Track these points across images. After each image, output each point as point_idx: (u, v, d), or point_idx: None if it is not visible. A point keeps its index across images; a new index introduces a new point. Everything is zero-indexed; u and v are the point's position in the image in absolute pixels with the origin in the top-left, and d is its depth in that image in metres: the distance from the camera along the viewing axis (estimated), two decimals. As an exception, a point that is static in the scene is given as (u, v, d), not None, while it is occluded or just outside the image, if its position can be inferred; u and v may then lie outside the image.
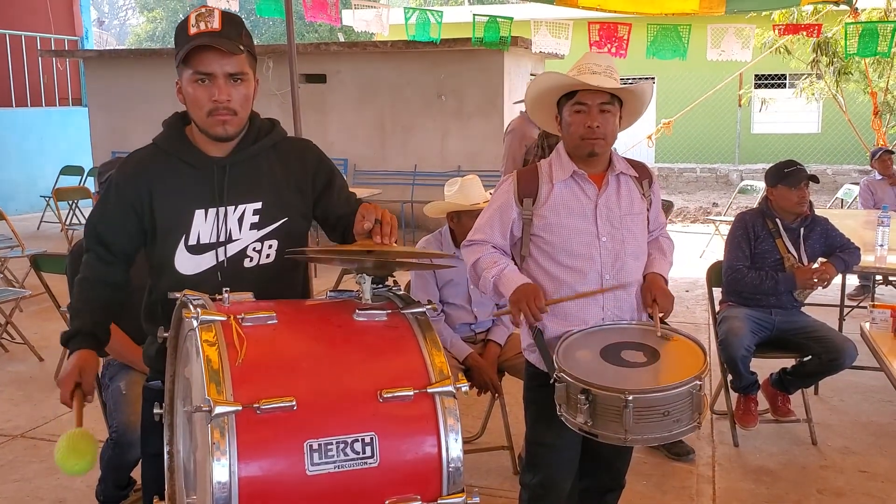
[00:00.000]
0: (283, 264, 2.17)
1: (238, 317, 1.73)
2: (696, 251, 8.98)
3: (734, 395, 4.09)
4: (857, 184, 8.69)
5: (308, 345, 1.77)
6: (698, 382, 2.20)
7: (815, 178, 3.98)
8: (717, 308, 4.24)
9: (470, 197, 3.54)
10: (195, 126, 2.12)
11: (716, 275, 4.32)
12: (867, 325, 2.96)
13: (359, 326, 1.82)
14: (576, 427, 2.25)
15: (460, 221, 3.54)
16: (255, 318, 1.74)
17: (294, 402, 1.61)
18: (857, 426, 4.26)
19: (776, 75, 16.56)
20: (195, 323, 1.70)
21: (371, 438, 1.64)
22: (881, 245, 4.83)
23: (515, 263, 2.61)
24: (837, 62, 10.41)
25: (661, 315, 2.50)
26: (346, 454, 1.62)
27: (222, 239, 2.12)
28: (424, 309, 1.88)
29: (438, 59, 9.77)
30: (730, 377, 4.05)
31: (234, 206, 2.13)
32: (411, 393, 1.69)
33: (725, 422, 4.17)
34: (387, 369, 1.74)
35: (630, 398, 2.13)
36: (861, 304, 6.13)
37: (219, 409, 1.55)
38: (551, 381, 2.30)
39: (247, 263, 2.16)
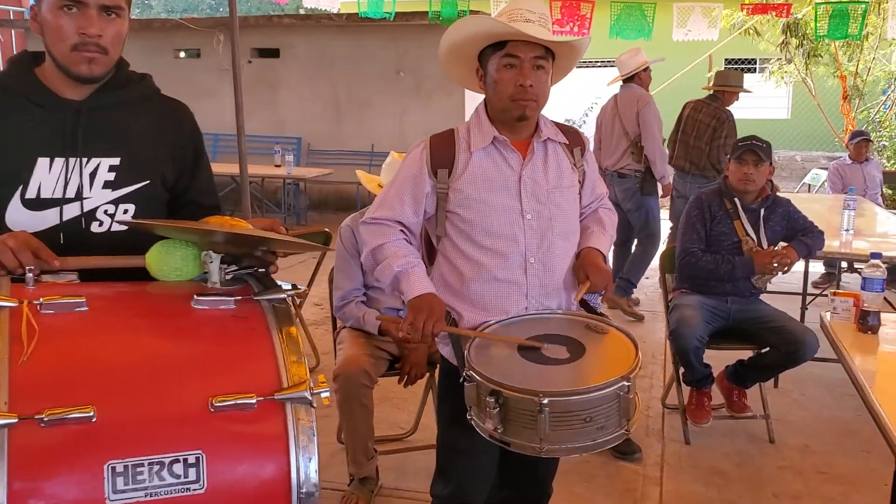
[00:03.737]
0: (139, 235, 1.80)
1: (34, 302, 1.37)
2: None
3: (686, 389, 3.80)
4: (825, 168, 8.47)
5: (123, 339, 1.40)
6: (626, 383, 1.87)
7: (757, 153, 3.64)
8: (671, 296, 3.94)
9: None
10: (52, 62, 1.78)
11: (669, 260, 4.01)
12: (827, 314, 2.66)
13: (197, 317, 1.46)
14: (485, 433, 1.92)
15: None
16: (58, 304, 1.38)
17: (93, 413, 1.25)
18: (818, 422, 3.98)
19: (746, 59, 16.33)
20: (-25, 309, 1.34)
21: (197, 458, 1.30)
22: (846, 230, 4.56)
23: (431, 246, 2.27)
24: (807, 44, 10.17)
25: (595, 293, 2.17)
26: (161, 478, 1.27)
27: (69, 195, 1.78)
28: (286, 294, 1.54)
29: (396, 34, 9.37)
30: (682, 370, 3.76)
31: (87, 159, 1.80)
32: (254, 401, 1.35)
33: (677, 417, 3.88)
34: (225, 371, 1.39)
35: (545, 401, 1.80)
36: (824, 293, 5.87)
37: (-14, 421, 1.19)
38: (461, 379, 1.96)
39: (95, 228, 1.81)
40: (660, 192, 5.90)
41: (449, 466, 2.27)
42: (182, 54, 10.43)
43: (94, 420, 1.25)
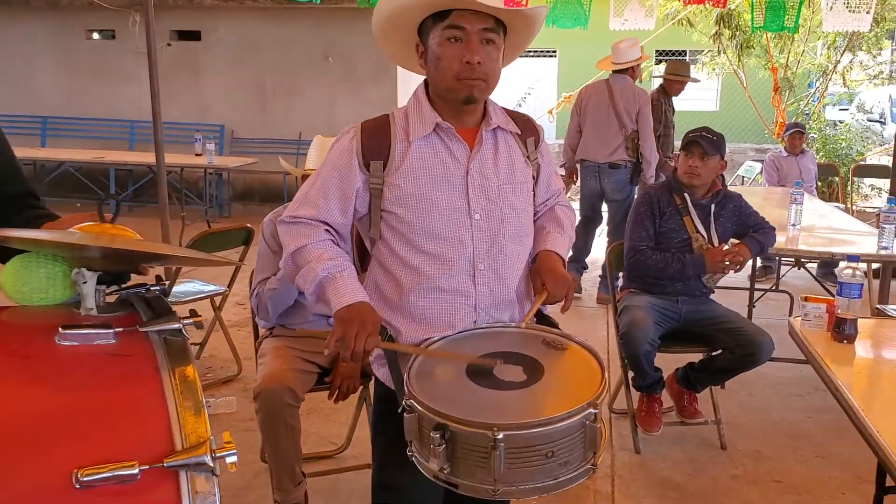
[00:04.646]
0: None
1: None
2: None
3: (636, 394, 3.60)
4: (759, 161, 8.45)
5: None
6: (593, 410, 1.61)
7: (702, 146, 3.45)
8: (618, 295, 3.72)
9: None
10: None
11: (617, 257, 3.80)
12: (797, 321, 2.46)
13: (62, 356, 1.13)
14: (430, 474, 1.63)
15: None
16: None
17: None
18: (768, 426, 3.83)
19: (677, 51, 16.41)
20: None
21: (56, 552, 0.98)
22: (793, 224, 4.43)
23: (364, 249, 1.97)
24: (740, 35, 10.15)
25: (554, 304, 1.91)
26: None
27: None
28: (181, 325, 1.21)
29: (324, 18, 8.96)
30: (631, 374, 3.54)
31: None
32: (136, 471, 1.02)
33: (625, 423, 3.67)
34: (97, 431, 1.07)
35: (500, 436, 1.53)
36: (773, 288, 5.78)
37: None
38: (399, 409, 1.67)
39: None
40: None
41: (386, 507, 1.98)
42: (95, 35, 9.79)
43: None
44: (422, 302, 1.86)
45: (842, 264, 2.38)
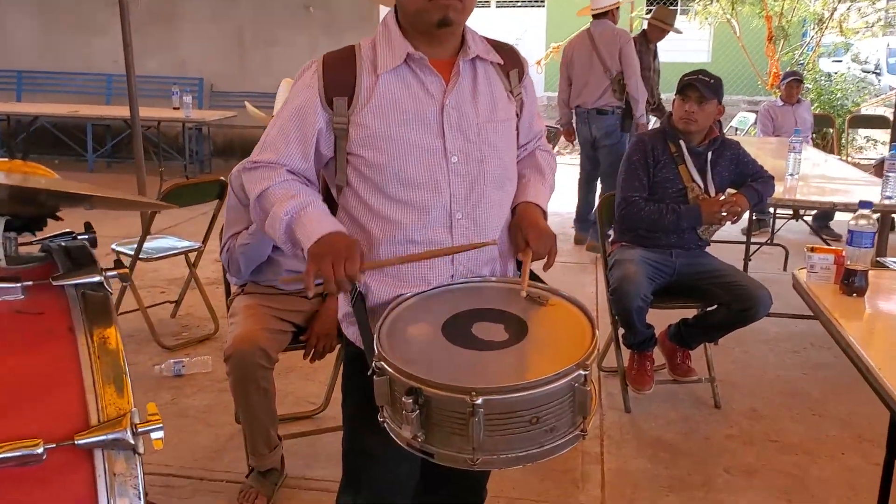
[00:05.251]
0: None
1: None
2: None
3: (626, 352, 3.46)
4: (753, 111, 8.26)
5: None
6: (583, 372, 1.45)
7: (699, 89, 3.27)
8: (609, 249, 3.56)
9: None
10: None
11: (608, 208, 3.63)
12: (803, 273, 2.30)
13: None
14: (403, 442, 1.48)
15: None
16: None
17: None
18: (763, 383, 3.70)
19: (668, 0, 16.08)
20: None
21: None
22: (791, 174, 4.27)
23: (331, 200, 1.79)
24: (734, -17, 9.90)
25: (537, 261, 1.74)
26: None
27: None
28: (104, 277, 1.04)
29: (305, -35, 8.64)
30: (621, 331, 3.40)
31: None
32: (41, 450, 0.86)
33: (615, 381, 3.54)
34: (-6, 402, 0.90)
35: (479, 401, 1.37)
36: (769, 242, 5.64)
37: None
38: (369, 372, 1.51)
39: None
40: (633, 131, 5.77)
41: (359, 475, 1.83)
42: (69, -14, 9.43)
43: None
44: (393, 255, 1.69)
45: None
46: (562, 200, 6.84)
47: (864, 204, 2.14)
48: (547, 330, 1.60)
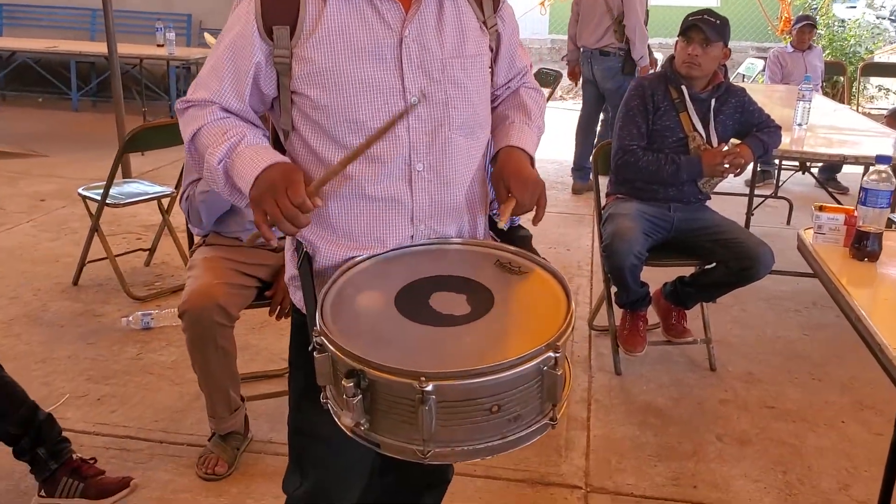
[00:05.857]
0: None
1: None
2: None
3: (618, 311, 3.26)
4: (761, 58, 7.93)
5: None
6: (554, 354, 1.24)
7: (704, 31, 3.01)
8: (604, 202, 3.33)
9: None
10: None
11: (604, 159, 3.39)
12: (809, 233, 2.08)
13: None
14: (346, 429, 1.29)
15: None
16: None
17: None
18: (761, 344, 3.51)
19: (679, -59, 15.49)
20: None
21: None
22: (800, 124, 4.01)
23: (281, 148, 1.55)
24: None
25: (523, 214, 1.49)
26: None
27: None
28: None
29: None
30: (614, 289, 3.20)
31: None
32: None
33: (606, 341, 3.35)
34: None
35: (428, 387, 1.17)
36: (773, 195, 5.39)
37: None
38: (310, 347, 1.31)
39: None
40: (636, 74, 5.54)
41: (305, 457, 1.65)
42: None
43: None
44: (344, 212, 1.47)
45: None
46: (560, 148, 6.60)
47: (881, 159, 1.91)
48: (515, 303, 1.39)
